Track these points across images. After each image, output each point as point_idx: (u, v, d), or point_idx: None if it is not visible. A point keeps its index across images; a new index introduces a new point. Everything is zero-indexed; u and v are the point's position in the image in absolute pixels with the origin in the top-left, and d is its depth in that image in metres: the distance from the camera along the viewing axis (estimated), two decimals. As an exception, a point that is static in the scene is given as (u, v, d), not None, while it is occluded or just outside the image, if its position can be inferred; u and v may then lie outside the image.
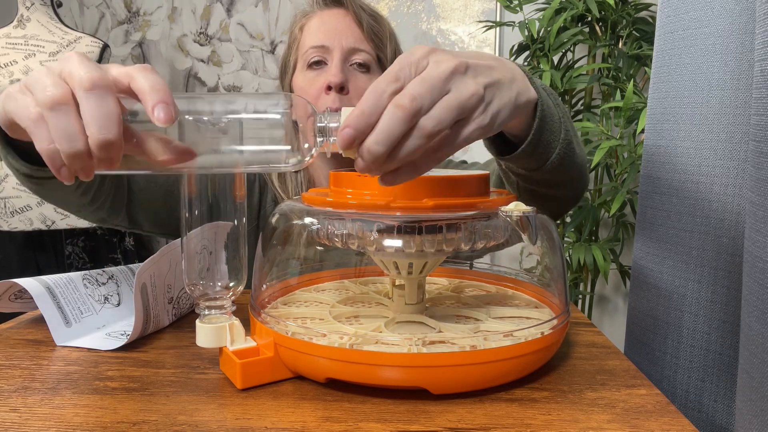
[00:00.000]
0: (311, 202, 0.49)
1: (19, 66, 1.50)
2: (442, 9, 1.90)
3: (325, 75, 0.81)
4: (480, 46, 1.89)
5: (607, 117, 1.49)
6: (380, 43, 0.84)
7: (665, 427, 0.38)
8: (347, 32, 0.82)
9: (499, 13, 1.86)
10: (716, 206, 0.58)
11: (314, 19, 0.85)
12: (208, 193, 0.43)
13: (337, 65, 0.80)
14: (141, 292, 0.53)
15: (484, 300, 0.58)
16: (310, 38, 0.83)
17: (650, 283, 0.66)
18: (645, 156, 0.67)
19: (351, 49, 0.82)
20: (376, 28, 0.84)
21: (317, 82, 0.81)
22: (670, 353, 0.63)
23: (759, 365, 0.43)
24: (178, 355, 0.52)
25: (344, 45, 0.81)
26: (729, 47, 0.56)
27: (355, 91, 0.82)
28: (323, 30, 0.82)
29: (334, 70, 0.80)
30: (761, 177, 0.43)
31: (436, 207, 0.44)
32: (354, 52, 0.82)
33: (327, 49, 0.82)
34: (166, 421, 0.39)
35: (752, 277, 0.44)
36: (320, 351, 0.43)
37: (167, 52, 2.06)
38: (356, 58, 0.82)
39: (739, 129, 0.56)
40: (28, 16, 1.56)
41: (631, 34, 1.53)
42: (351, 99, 0.81)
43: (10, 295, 0.60)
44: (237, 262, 0.45)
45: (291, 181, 0.90)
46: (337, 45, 0.81)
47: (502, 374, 0.44)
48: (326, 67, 0.82)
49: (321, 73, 0.82)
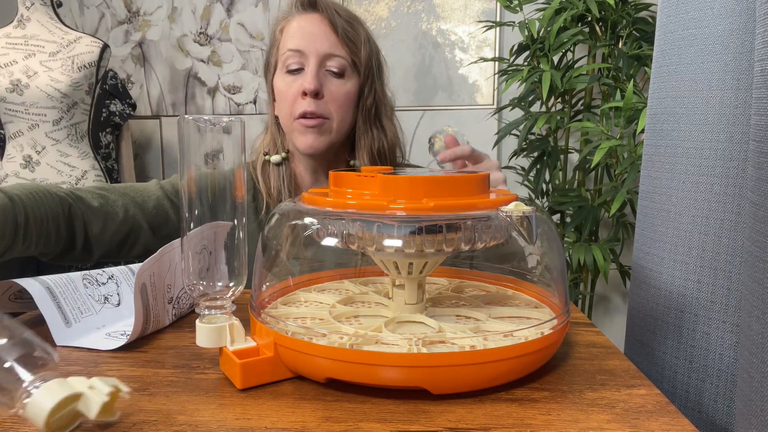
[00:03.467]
0: (311, 202, 0.49)
1: (19, 66, 1.50)
2: (442, 9, 1.90)
3: (301, 81, 0.85)
4: (480, 45, 1.89)
5: (607, 117, 1.49)
6: (354, 48, 0.87)
7: (665, 427, 0.38)
8: (323, 38, 0.86)
9: (499, 13, 1.86)
10: (716, 206, 0.58)
11: (293, 23, 0.88)
12: (208, 194, 0.43)
13: (312, 72, 0.84)
14: (141, 292, 0.53)
15: (484, 300, 0.58)
16: (288, 41, 0.87)
17: (650, 283, 0.66)
18: (645, 156, 0.67)
19: (326, 55, 0.86)
20: (351, 33, 0.88)
21: (294, 86, 0.86)
22: (670, 353, 0.63)
23: (759, 365, 0.43)
24: (178, 355, 0.52)
25: (319, 50, 0.85)
26: (729, 47, 0.56)
27: (329, 96, 0.86)
28: (300, 35, 0.86)
29: (309, 78, 0.84)
30: (761, 177, 0.43)
31: (436, 207, 0.44)
32: (328, 58, 0.86)
33: (303, 54, 0.86)
34: (166, 421, 0.39)
35: (752, 277, 0.44)
36: (320, 351, 0.43)
37: (167, 52, 2.06)
38: (331, 65, 0.86)
39: (739, 129, 0.56)
40: (28, 16, 1.56)
41: (631, 34, 1.53)
42: (326, 103, 0.86)
43: (10, 295, 0.60)
44: (237, 262, 0.45)
45: (273, 176, 0.93)
46: (313, 51, 0.85)
47: (502, 374, 0.44)
48: (303, 72, 0.86)
49: (298, 79, 0.86)
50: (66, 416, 0.37)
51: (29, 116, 1.51)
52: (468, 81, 1.91)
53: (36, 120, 1.52)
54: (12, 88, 1.48)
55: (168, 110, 2.09)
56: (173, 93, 2.08)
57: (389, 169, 0.52)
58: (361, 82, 0.89)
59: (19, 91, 1.49)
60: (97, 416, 0.36)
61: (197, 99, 2.07)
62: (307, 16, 0.87)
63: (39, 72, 1.51)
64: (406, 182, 0.46)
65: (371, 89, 0.90)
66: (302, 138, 0.86)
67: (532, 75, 1.48)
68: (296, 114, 0.85)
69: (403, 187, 0.46)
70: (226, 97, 2.05)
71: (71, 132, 1.57)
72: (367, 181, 0.47)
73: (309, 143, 0.86)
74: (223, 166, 0.44)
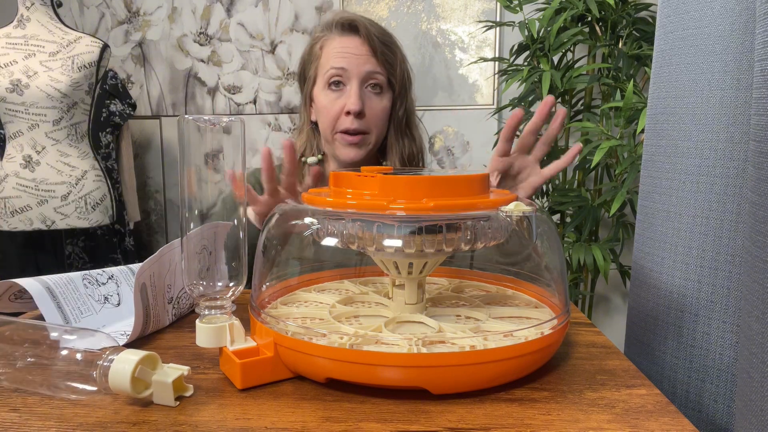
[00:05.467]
0: (311, 202, 0.49)
1: (19, 66, 1.50)
2: (442, 9, 1.90)
3: (344, 99, 0.93)
4: (480, 45, 1.89)
5: (607, 117, 1.49)
6: (391, 69, 0.96)
7: (665, 427, 0.38)
8: (364, 59, 0.93)
9: (499, 13, 1.86)
10: (716, 206, 0.58)
11: (335, 43, 0.94)
12: (208, 194, 0.43)
13: (355, 92, 0.92)
14: (141, 292, 0.53)
15: (484, 300, 0.58)
16: (331, 60, 0.93)
17: (650, 283, 0.66)
18: (645, 156, 0.67)
19: (367, 75, 0.93)
20: (389, 56, 0.96)
21: (337, 104, 0.93)
22: (670, 353, 0.63)
23: (759, 365, 0.43)
24: (178, 355, 0.51)
25: (361, 71, 0.92)
26: (729, 47, 0.56)
27: (369, 112, 0.93)
28: (342, 55, 0.93)
29: (353, 98, 0.91)
30: (761, 177, 0.43)
31: (436, 207, 0.44)
32: (369, 77, 0.93)
33: (346, 73, 0.93)
34: (166, 421, 0.39)
35: (752, 277, 0.44)
36: (320, 351, 0.43)
37: (167, 52, 2.06)
38: (371, 82, 0.94)
39: (739, 129, 0.56)
40: (28, 16, 1.56)
41: (631, 34, 1.53)
42: (366, 120, 0.93)
43: (10, 295, 0.60)
44: (237, 262, 0.45)
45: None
46: (355, 71, 0.92)
47: (502, 374, 0.44)
48: (345, 89, 0.93)
49: (341, 96, 0.93)
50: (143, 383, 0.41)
51: (29, 116, 1.51)
52: (468, 81, 1.91)
53: (36, 120, 1.51)
54: (12, 88, 1.48)
55: (168, 110, 2.09)
56: (173, 93, 2.08)
57: (389, 169, 0.52)
58: (395, 96, 0.97)
59: (19, 91, 1.49)
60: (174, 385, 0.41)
61: (197, 99, 2.07)
62: (348, 38, 0.94)
63: (39, 72, 1.51)
64: (406, 182, 0.46)
65: (403, 102, 0.99)
66: (344, 150, 0.94)
67: (532, 75, 1.48)
68: (339, 129, 0.93)
69: (403, 187, 0.46)
70: (226, 97, 2.05)
71: (71, 132, 1.57)
72: (367, 181, 0.47)
73: (351, 156, 0.94)
74: (224, 166, 0.44)
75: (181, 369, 0.42)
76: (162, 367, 0.42)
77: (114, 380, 0.40)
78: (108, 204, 1.63)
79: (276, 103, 2.03)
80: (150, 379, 0.41)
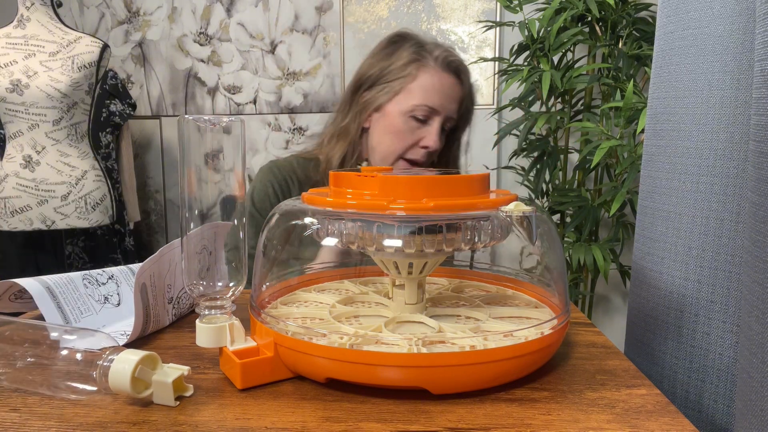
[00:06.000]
0: (311, 202, 0.49)
1: (19, 66, 1.50)
2: (442, 9, 1.90)
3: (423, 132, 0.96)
4: (480, 45, 1.89)
5: (607, 117, 1.49)
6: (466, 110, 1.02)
7: (665, 427, 0.38)
8: (453, 102, 0.97)
9: (499, 13, 1.86)
10: (716, 206, 0.58)
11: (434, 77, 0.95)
12: (208, 194, 0.43)
13: (437, 131, 0.95)
14: (141, 292, 0.53)
15: (484, 300, 0.58)
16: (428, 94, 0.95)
17: (650, 283, 0.66)
18: (645, 156, 0.67)
19: (448, 117, 0.98)
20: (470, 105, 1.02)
21: (416, 135, 0.96)
22: (670, 353, 0.63)
23: (759, 365, 0.43)
24: (178, 355, 0.52)
25: (447, 112, 0.97)
26: (729, 47, 0.56)
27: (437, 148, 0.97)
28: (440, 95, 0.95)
29: (434, 137, 0.95)
30: (761, 177, 0.43)
31: (436, 207, 0.44)
32: (448, 120, 0.98)
33: (435, 111, 0.95)
34: (166, 421, 0.39)
35: (752, 277, 0.44)
36: (320, 351, 0.43)
37: (167, 52, 2.06)
38: (446, 125, 0.98)
39: (739, 129, 0.56)
40: (28, 16, 1.56)
41: (631, 34, 1.52)
42: (431, 155, 0.97)
43: (10, 295, 0.60)
44: (237, 262, 0.45)
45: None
46: (443, 111, 0.96)
47: (502, 374, 0.44)
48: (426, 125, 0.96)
49: (420, 128, 0.96)
50: (143, 383, 0.41)
51: (29, 116, 1.51)
52: (468, 81, 1.91)
53: (36, 120, 1.52)
54: (12, 88, 1.48)
55: (168, 110, 2.09)
56: (173, 93, 2.08)
57: (389, 169, 0.52)
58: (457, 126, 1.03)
59: (19, 91, 1.49)
60: (174, 385, 0.41)
61: (197, 99, 2.07)
62: (448, 77, 0.96)
63: (39, 72, 1.51)
64: (406, 182, 0.46)
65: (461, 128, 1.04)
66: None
67: (532, 75, 1.48)
68: (407, 156, 0.96)
69: (403, 187, 0.46)
70: (226, 97, 2.05)
71: (71, 132, 1.57)
72: (367, 181, 0.47)
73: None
74: (224, 166, 0.44)
75: (181, 369, 0.42)
76: (162, 367, 0.42)
77: (114, 380, 0.40)
78: (108, 204, 1.64)
79: (276, 103, 2.03)
80: (150, 379, 0.41)
